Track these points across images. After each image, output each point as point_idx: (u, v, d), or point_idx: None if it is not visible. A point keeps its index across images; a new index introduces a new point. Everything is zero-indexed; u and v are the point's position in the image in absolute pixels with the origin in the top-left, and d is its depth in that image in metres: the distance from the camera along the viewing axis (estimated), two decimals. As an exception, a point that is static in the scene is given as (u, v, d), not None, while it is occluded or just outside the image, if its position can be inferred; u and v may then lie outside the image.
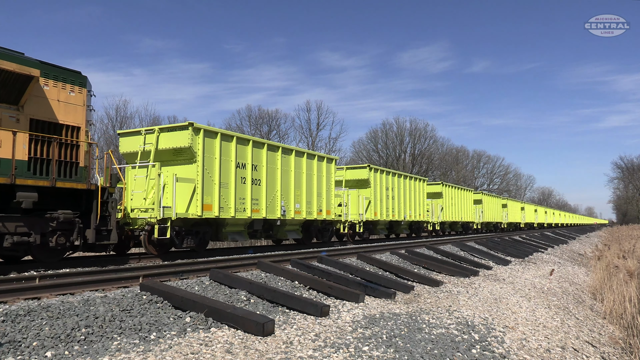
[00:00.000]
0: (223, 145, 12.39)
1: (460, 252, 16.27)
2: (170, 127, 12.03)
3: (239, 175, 12.90)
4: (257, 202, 13.44)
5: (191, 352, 4.62)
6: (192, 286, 7.14)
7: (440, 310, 7.32)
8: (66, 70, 9.39)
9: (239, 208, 12.77)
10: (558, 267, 17.48)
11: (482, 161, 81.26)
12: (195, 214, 11.48)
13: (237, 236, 13.04)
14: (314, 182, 16.13)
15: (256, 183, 13.49)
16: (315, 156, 16.47)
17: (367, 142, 62.31)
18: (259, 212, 13.54)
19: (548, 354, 6.14)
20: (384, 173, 21.41)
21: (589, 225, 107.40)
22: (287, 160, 14.95)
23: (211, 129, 12.21)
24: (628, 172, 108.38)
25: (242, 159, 13.06)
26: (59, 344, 4.56)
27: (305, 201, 15.49)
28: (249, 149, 13.30)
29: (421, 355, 4.97)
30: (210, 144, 12.06)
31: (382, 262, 11.07)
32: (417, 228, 25.27)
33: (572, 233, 50.41)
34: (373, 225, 20.80)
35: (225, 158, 12.49)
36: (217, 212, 12.02)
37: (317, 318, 6.27)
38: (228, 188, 12.46)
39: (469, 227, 33.51)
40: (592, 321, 9.55)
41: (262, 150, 13.83)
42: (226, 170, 12.45)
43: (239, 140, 13.08)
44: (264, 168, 13.81)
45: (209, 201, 11.85)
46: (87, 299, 5.72)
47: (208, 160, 11.94)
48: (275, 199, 14.21)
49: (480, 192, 36.33)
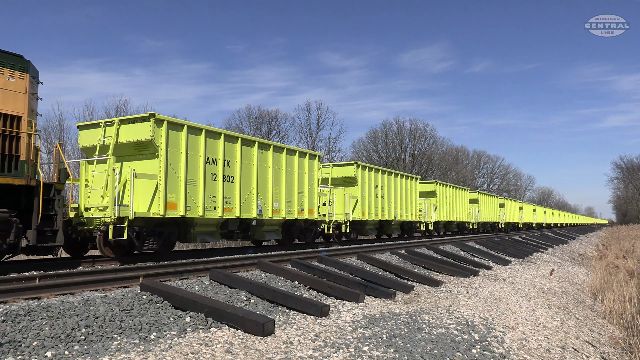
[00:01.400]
0: (190, 139, 11.46)
1: (460, 252, 16.27)
2: (131, 119, 10.96)
3: (209, 171, 11.92)
4: (229, 201, 12.48)
5: (191, 352, 4.62)
6: (192, 286, 7.14)
7: (440, 310, 7.33)
8: (4, 53, 8.44)
9: (208, 207, 11.83)
10: (558, 267, 17.48)
11: (482, 161, 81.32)
12: (158, 213, 10.54)
13: (207, 237, 12.17)
14: (294, 179, 15.20)
15: (229, 180, 12.51)
16: (297, 152, 15.48)
17: (367, 142, 62.32)
18: (232, 211, 12.55)
19: (548, 353, 6.14)
20: (372, 171, 20.48)
21: (589, 225, 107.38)
22: (265, 156, 14.00)
23: (176, 120, 11.31)
24: (628, 172, 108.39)
25: (212, 153, 12.07)
26: (59, 344, 4.56)
27: (284, 200, 14.60)
28: (220, 144, 12.28)
29: (421, 355, 4.97)
30: (175, 137, 11.10)
31: (382, 262, 11.07)
32: (410, 228, 24.40)
33: (572, 233, 50.42)
34: (361, 225, 20.01)
35: (193, 153, 11.55)
36: (183, 211, 11.10)
37: (317, 318, 6.27)
38: (196, 185, 11.53)
39: (465, 227, 32.87)
40: (592, 321, 9.55)
41: (236, 145, 12.86)
42: (194, 165, 11.52)
43: (209, 133, 12.08)
44: (238, 164, 12.84)
45: (173, 199, 10.91)
46: (87, 299, 5.72)
47: (172, 155, 10.98)
48: (250, 197, 13.29)
49: (476, 192, 35.55)
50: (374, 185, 20.45)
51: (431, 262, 12.35)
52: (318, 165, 16.55)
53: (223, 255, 12.49)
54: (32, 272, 8.16)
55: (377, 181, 20.72)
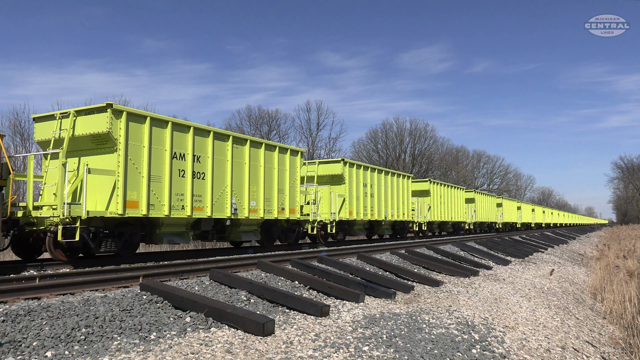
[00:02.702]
0: (154, 132, 10.58)
1: (460, 252, 16.27)
2: (88, 110, 10.04)
3: (177, 167, 11.06)
4: (200, 199, 11.65)
5: (191, 352, 4.62)
6: (192, 286, 7.14)
7: (441, 310, 7.33)
8: None
9: (175, 205, 10.97)
10: (558, 267, 17.49)
11: (482, 161, 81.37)
12: (116, 213, 9.70)
13: (176, 238, 11.39)
14: (274, 176, 14.28)
15: (199, 176, 11.67)
16: (277, 147, 14.57)
17: (367, 142, 62.35)
18: (203, 210, 11.74)
19: (548, 353, 6.14)
20: (361, 168, 19.52)
21: (589, 225, 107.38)
22: (241, 152, 13.06)
23: (138, 111, 10.39)
24: (628, 172, 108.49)
25: (180, 148, 11.21)
26: (59, 344, 4.56)
27: (263, 198, 13.71)
28: (189, 137, 11.43)
29: (421, 355, 4.97)
30: (137, 130, 10.22)
31: (382, 262, 11.07)
32: (401, 229, 23.47)
33: (572, 233, 50.41)
34: (349, 225, 19.11)
35: (158, 147, 10.67)
36: (146, 210, 10.24)
37: (317, 318, 6.27)
38: (161, 182, 10.65)
39: (460, 228, 31.95)
40: (592, 321, 9.55)
41: (207, 139, 11.97)
42: (158, 161, 10.64)
43: (176, 126, 11.20)
44: (210, 159, 11.96)
45: (134, 197, 10.07)
46: (87, 299, 5.72)
47: (133, 149, 10.12)
48: (224, 195, 12.39)
49: (472, 191, 34.62)
50: (363, 183, 19.52)
51: (431, 262, 12.35)
52: (300, 162, 15.65)
53: (223, 255, 12.49)
54: (32, 272, 8.16)
55: (366, 179, 19.79)
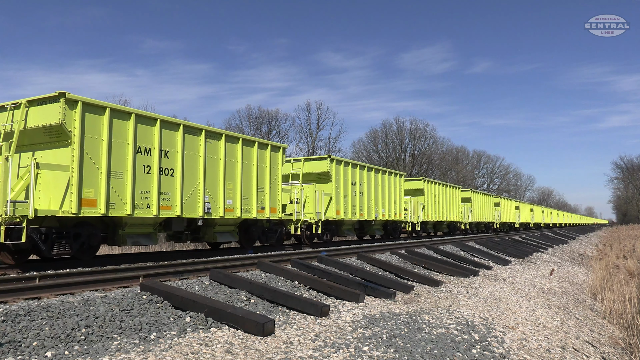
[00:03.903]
0: (115, 124, 9.83)
1: (460, 252, 16.28)
2: (40, 100, 9.28)
3: (141, 162, 10.31)
4: (168, 197, 10.86)
5: (191, 352, 4.62)
6: (192, 286, 7.14)
7: (440, 310, 7.33)
8: None
9: (139, 204, 10.20)
10: (558, 267, 17.49)
11: (482, 161, 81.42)
12: (69, 212, 8.92)
13: (142, 239, 10.72)
14: (252, 173, 13.46)
15: (167, 173, 10.88)
16: (255, 143, 13.72)
17: (367, 142, 62.38)
18: (171, 209, 10.96)
19: (548, 354, 6.14)
20: (349, 166, 18.58)
21: (588, 225, 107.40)
22: (215, 147, 12.24)
23: (96, 102, 9.57)
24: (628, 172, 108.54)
25: (145, 142, 10.43)
26: (59, 344, 4.56)
27: (240, 196, 12.88)
28: (156, 131, 10.64)
29: (421, 355, 4.97)
30: (94, 122, 9.46)
31: (382, 262, 11.07)
32: (394, 229, 22.58)
33: (572, 233, 50.42)
34: (337, 225, 18.24)
35: (119, 140, 9.91)
36: (104, 209, 9.47)
37: (317, 318, 6.27)
38: (123, 179, 9.91)
39: (456, 228, 31.08)
40: (592, 321, 9.55)
41: (177, 133, 11.18)
42: (120, 155, 9.90)
43: (141, 118, 10.38)
44: (179, 155, 11.18)
45: (90, 195, 9.29)
46: (87, 299, 5.72)
47: (90, 142, 9.36)
48: (196, 193, 11.62)
49: (468, 190, 33.62)
50: (351, 181, 18.59)
51: (431, 262, 12.35)
52: (282, 159, 14.78)
53: (223, 255, 12.49)
54: (32, 272, 8.15)
55: (354, 177, 18.82)
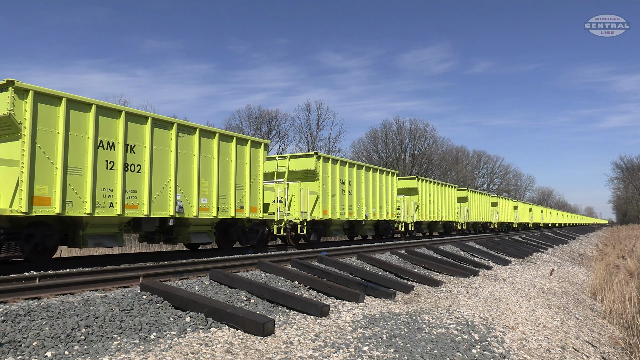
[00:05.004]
0: (73, 116, 9.10)
1: (460, 252, 16.28)
2: None
3: (103, 158, 9.59)
4: (134, 195, 10.13)
5: (191, 352, 4.62)
6: (192, 286, 7.14)
7: (440, 310, 7.33)
8: None
9: (101, 203, 9.47)
10: (558, 267, 17.49)
11: (482, 161, 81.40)
12: (19, 211, 8.30)
13: (106, 240, 10.01)
14: (230, 170, 12.64)
15: (133, 169, 10.16)
16: (234, 138, 12.88)
17: (367, 142, 62.40)
18: (138, 207, 10.20)
19: (548, 353, 6.14)
20: (337, 163, 17.69)
21: (588, 225, 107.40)
22: (188, 142, 11.47)
23: (50, 91, 8.83)
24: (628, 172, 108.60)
25: (108, 136, 9.71)
26: (59, 344, 4.56)
27: (216, 195, 12.07)
28: (120, 124, 9.92)
29: (421, 355, 4.97)
30: (49, 113, 8.77)
31: (382, 262, 11.07)
32: (386, 229, 21.71)
33: (572, 233, 50.41)
34: (324, 225, 17.34)
35: (77, 134, 9.18)
36: (60, 208, 8.76)
37: (317, 318, 6.27)
38: (82, 175, 9.18)
39: (452, 228, 30.28)
40: (592, 321, 9.55)
41: (144, 127, 10.42)
42: (78, 150, 9.17)
43: (103, 110, 9.65)
44: (147, 150, 10.44)
45: (44, 192, 8.62)
46: (87, 299, 5.72)
47: (44, 135, 8.65)
48: (166, 190, 10.84)
49: (465, 189, 32.62)
50: (340, 180, 17.70)
51: (431, 262, 12.35)
52: (264, 155, 13.98)
53: (223, 255, 12.49)
54: (32, 272, 8.15)
55: (343, 175, 17.96)
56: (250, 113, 52.03)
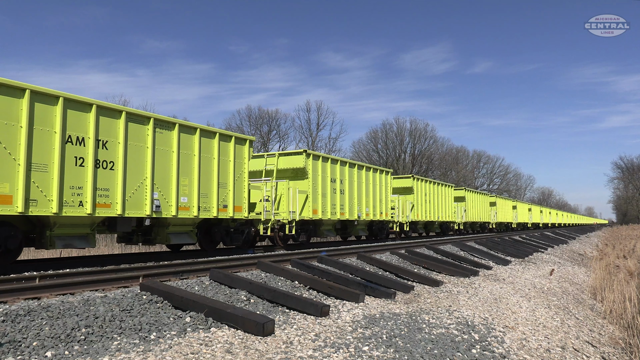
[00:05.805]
0: (38, 109, 8.59)
1: (460, 252, 16.28)
2: None
3: (72, 154, 9.06)
4: (106, 194, 9.63)
5: (191, 352, 4.62)
6: (192, 286, 7.14)
7: (440, 310, 7.33)
8: None
9: (69, 201, 8.97)
10: (558, 267, 17.49)
11: (482, 161, 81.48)
12: None
13: (76, 241, 9.46)
14: (213, 168, 12.16)
15: (105, 166, 9.65)
16: (216, 134, 12.33)
17: (367, 142, 62.42)
18: (111, 207, 9.70)
19: (548, 353, 6.14)
20: (328, 161, 17.12)
21: (588, 225, 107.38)
22: (166, 138, 10.96)
23: (11, 82, 8.29)
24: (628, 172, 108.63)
25: (78, 130, 9.18)
26: (59, 344, 4.56)
27: (197, 193, 11.58)
28: (91, 118, 9.39)
29: (421, 355, 4.97)
30: (10, 106, 8.22)
31: (382, 262, 11.07)
32: (380, 229, 21.11)
33: (572, 233, 50.41)
34: (315, 225, 16.83)
35: (43, 128, 8.68)
36: (22, 207, 8.26)
37: (317, 318, 6.27)
38: (47, 172, 8.70)
39: (449, 228, 29.64)
40: (592, 321, 9.55)
41: (118, 121, 9.91)
42: (43, 145, 8.67)
43: (72, 103, 9.12)
44: (121, 146, 9.93)
45: (4, 190, 8.11)
46: (87, 299, 5.72)
47: (4, 129, 8.14)
48: (142, 189, 10.35)
49: (462, 188, 32.26)
50: (331, 178, 17.16)
51: (431, 262, 12.35)
52: (249, 152, 13.46)
53: (223, 255, 12.49)
54: (32, 272, 8.15)
55: (334, 174, 17.39)
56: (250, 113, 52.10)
